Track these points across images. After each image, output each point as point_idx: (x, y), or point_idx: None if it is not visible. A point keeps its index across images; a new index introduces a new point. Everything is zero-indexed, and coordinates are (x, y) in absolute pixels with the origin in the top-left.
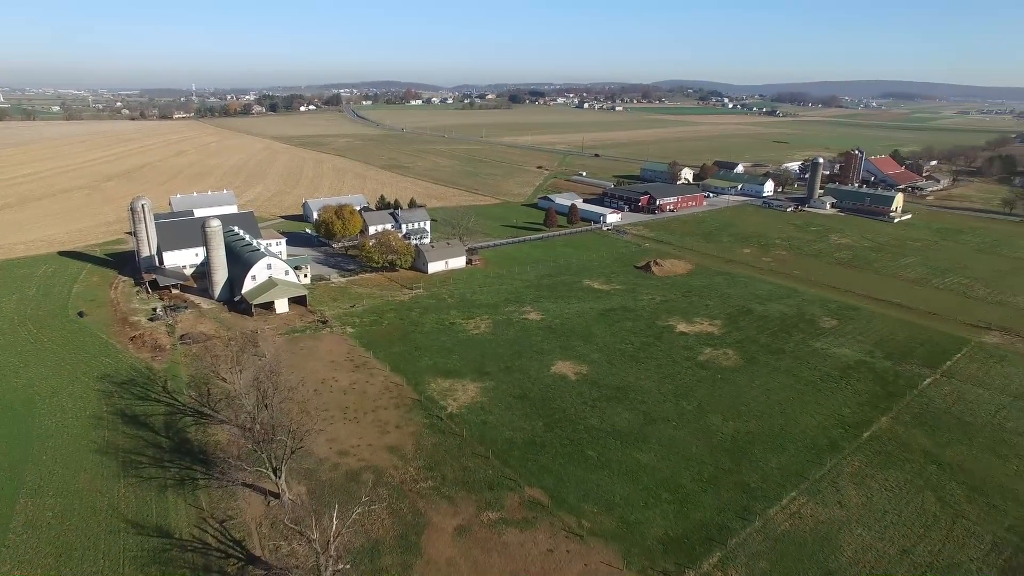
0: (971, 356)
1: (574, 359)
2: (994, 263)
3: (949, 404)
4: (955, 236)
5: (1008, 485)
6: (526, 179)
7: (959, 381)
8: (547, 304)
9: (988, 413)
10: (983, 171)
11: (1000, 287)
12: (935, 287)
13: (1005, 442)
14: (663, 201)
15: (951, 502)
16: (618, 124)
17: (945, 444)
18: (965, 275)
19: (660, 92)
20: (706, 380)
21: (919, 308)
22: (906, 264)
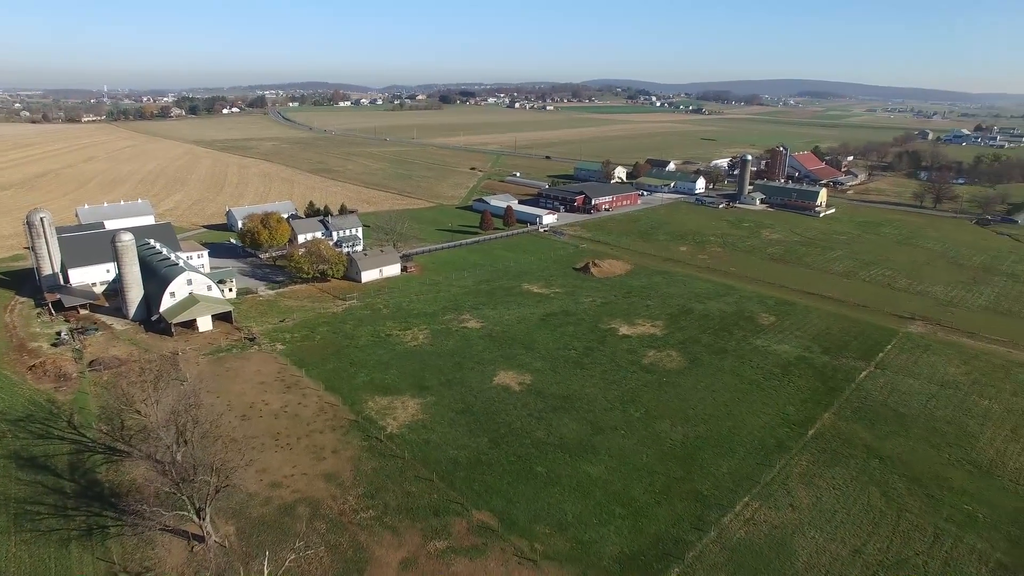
0: (900, 347)
1: (517, 368)
2: (912, 254)
3: (885, 396)
4: (876, 229)
5: (943, 474)
6: (460, 181)
7: (892, 372)
8: (486, 311)
9: (920, 403)
10: (894, 166)
11: (919, 278)
12: (862, 279)
13: (937, 431)
14: (598, 200)
15: (894, 496)
16: (550, 123)
17: (884, 437)
18: (887, 267)
19: (590, 91)
20: (652, 384)
21: (849, 301)
22: (834, 258)
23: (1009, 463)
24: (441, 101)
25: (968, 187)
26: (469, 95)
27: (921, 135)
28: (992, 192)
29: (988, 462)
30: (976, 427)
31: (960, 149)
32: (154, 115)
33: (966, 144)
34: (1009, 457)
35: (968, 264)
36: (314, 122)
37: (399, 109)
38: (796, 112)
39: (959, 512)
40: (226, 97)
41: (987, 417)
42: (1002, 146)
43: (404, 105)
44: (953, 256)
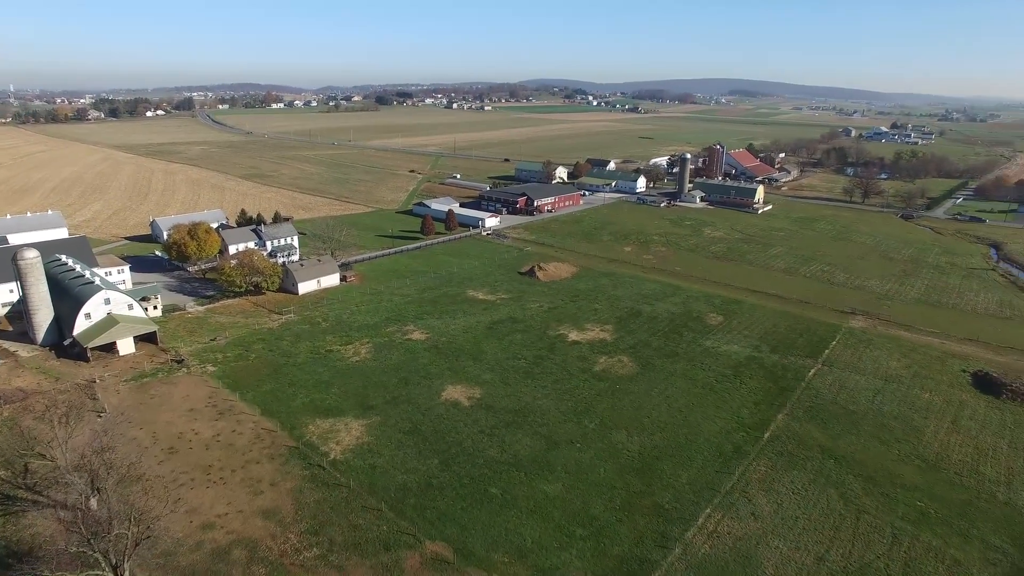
0: (844, 343)
1: (465, 382)
2: (847, 249)
3: (834, 394)
4: (811, 224)
5: (895, 471)
6: (399, 184)
7: (839, 369)
8: (431, 321)
9: (867, 399)
10: (823, 162)
11: (855, 272)
12: (803, 275)
13: (886, 427)
14: (541, 202)
15: (852, 497)
16: (488, 123)
17: (837, 436)
18: (825, 262)
19: (527, 91)
20: (605, 393)
21: (793, 297)
22: (775, 254)
23: (953, 456)
24: (378, 102)
25: (891, 182)
26: (406, 96)
27: (845, 132)
28: (912, 187)
29: (934, 456)
30: (920, 421)
31: (880, 146)
32: (69, 117)
33: (885, 141)
34: (952, 450)
35: (898, 257)
36: (246, 125)
37: (335, 111)
38: (728, 110)
39: (912, 510)
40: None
41: (929, 410)
42: (916, 143)
43: (340, 107)
44: (884, 250)
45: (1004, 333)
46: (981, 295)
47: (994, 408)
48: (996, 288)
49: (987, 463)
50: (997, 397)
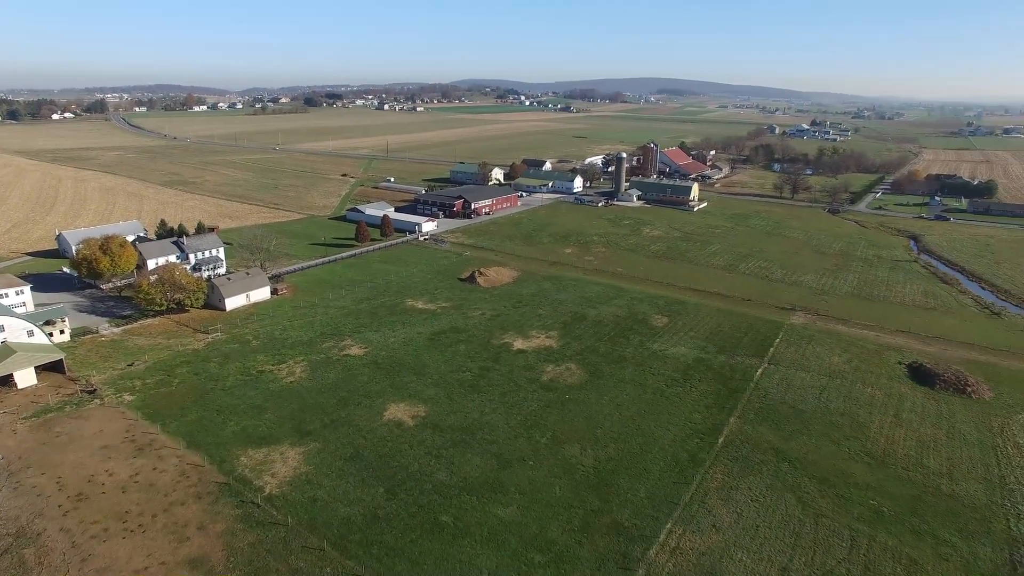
0: (787, 340)
1: (409, 399)
2: (781, 245)
3: (783, 393)
4: (746, 221)
5: (846, 470)
6: (331, 189)
7: (784, 367)
8: (369, 334)
9: (814, 397)
10: (751, 159)
11: (791, 267)
12: (742, 273)
13: (834, 425)
14: (478, 204)
15: (809, 501)
16: (421, 125)
17: (789, 437)
18: (763, 258)
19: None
20: (555, 404)
21: (734, 295)
22: (713, 252)
23: (898, 451)
24: (306, 104)
25: (816, 178)
26: (336, 97)
27: (770, 130)
28: (836, 182)
29: (881, 452)
30: (865, 416)
31: (803, 142)
32: None
33: (807, 138)
34: (897, 444)
35: (829, 252)
36: (166, 128)
37: (261, 113)
38: (657, 109)
39: (867, 509)
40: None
41: (872, 405)
42: (835, 139)
43: (267, 109)
44: (816, 244)
45: (930, 323)
46: (907, 286)
47: (930, 399)
48: (919, 279)
49: (929, 455)
50: (932, 388)
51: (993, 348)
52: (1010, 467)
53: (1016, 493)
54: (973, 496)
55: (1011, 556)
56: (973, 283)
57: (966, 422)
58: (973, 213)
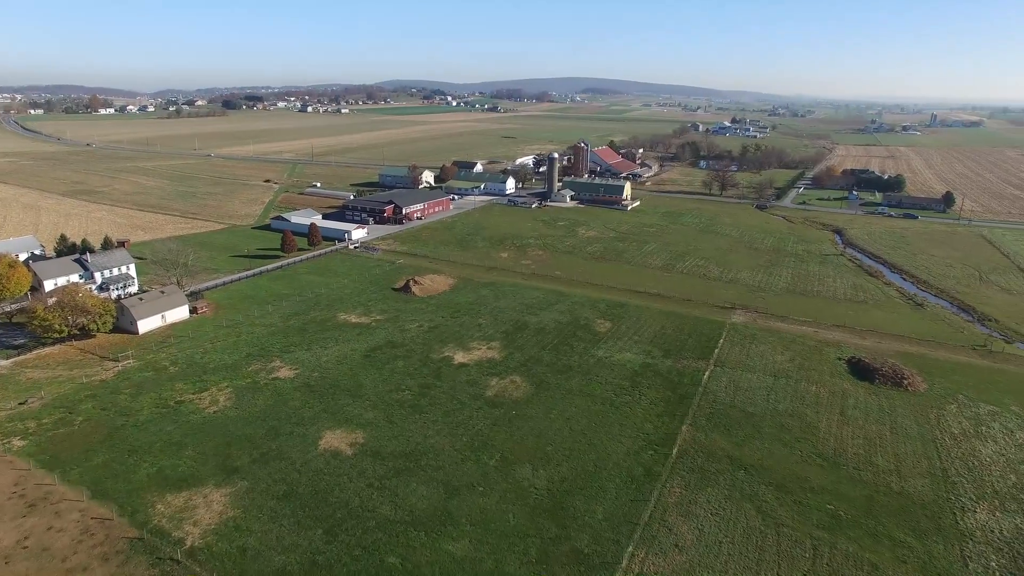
0: (731, 340)
1: (346, 425)
2: (715, 242)
3: (731, 396)
4: (679, 219)
5: (801, 474)
6: (254, 196)
7: (731, 369)
8: (300, 353)
9: (763, 399)
10: (679, 156)
11: (727, 265)
12: (680, 272)
13: (784, 427)
14: (409, 209)
15: (768, 511)
16: (347, 127)
17: (742, 442)
18: (699, 257)
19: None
20: (502, 422)
21: (674, 296)
22: (650, 251)
23: (848, 450)
24: (225, 107)
25: (741, 174)
26: (256, 100)
27: (693, 127)
28: (761, 178)
29: (832, 452)
30: (813, 416)
31: (726, 139)
32: None
33: (729, 135)
34: (846, 443)
35: (762, 248)
36: (67, 133)
37: (176, 116)
38: (583, 108)
39: (825, 515)
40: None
41: (819, 403)
42: (755, 136)
43: (181, 112)
44: (748, 241)
45: (862, 316)
46: (838, 280)
47: (872, 394)
48: (848, 272)
49: (877, 453)
50: (872, 383)
51: (920, 339)
52: (950, 459)
53: (958, 486)
54: (921, 492)
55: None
56: (895, 275)
57: (906, 416)
58: (887, 206)
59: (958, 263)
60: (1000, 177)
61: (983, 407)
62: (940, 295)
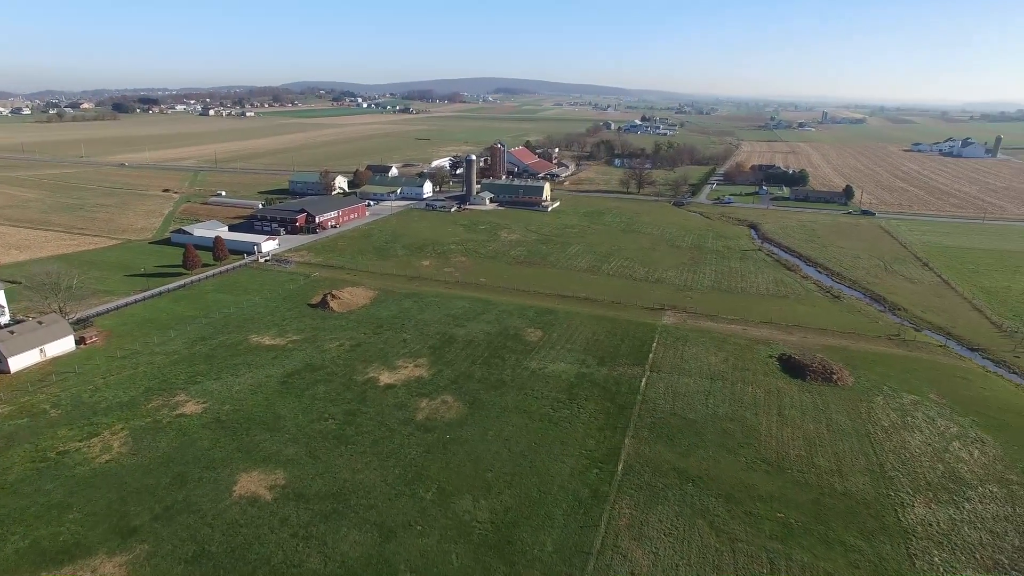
0: (663, 343)
1: (263, 464)
2: (638, 241)
3: (671, 404)
4: (600, 219)
5: (747, 481)
6: (151, 207)
7: (667, 374)
8: (208, 384)
9: (702, 404)
10: (594, 155)
11: (651, 265)
12: (606, 274)
13: (726, 432)
14: (323, 218)
15: (721, 525)
16: (253, 131)
17: (687, 452)
18: (623, 257)
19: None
20: (435, 448)
21: (603, 299)
22: (574, 253)
23: (790, 452)
24: (115, 110)
25: (657, 171)
26: (151, 102)
27: (606, 126)
28: (675, 175)
29: (776, 456)
30: (753, 418)
31: (638, 138)
32: None
33: (641, 133)
34: (787, 445)
35: (683, 245)
36: None
37: (58, 120)
38: (496, 108)
39: (777, 524)
40: None
41: (757, 405)
42: (666, 134)
43: (64, 115)
44: (669, 239)
45: (786, 311)
46: (759, 276)
47: (805, 392)
48: (767, 267)
49: (818, 453)
50: (804, 380)
51: (842, 332)
52: (884, 453)
53: (895, 480)
54: (863, 491)
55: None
56: (811, 268)
57: (839, 412)
58: (795, 200)
59: (864, 254)
60: (888, 171)
61: (906, 397)
62: (853, 286)
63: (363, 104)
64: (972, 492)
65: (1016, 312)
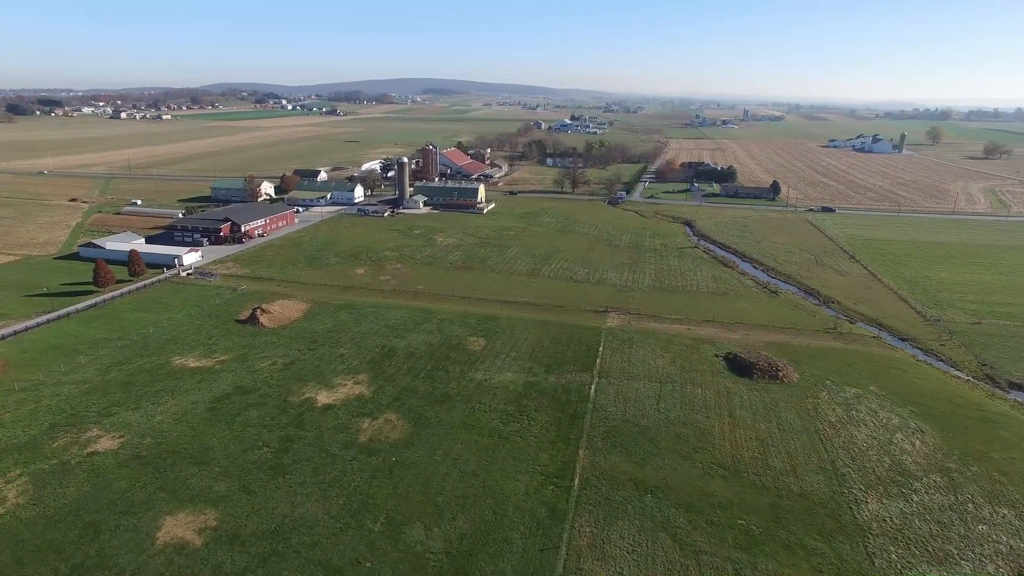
0: (609, 347)
1: (191, 504)
2: (576, 242)
3: (622, 410)
4: (537, 220)
5: (706, 488)
6: (57, 218)
7: (615, 379)
8: (126, 415)
9: (653, 408)
10: (526, 155)
11: (591, 265)
12: (547, 276)
13: (680, 437)
14: (249, 226)
15: (683, 537)
16: (171, 135)
17: (643, 461)
18: (562, 258)
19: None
20: (381, 472)
21: (545, 303)
22: (513, 256)
23: (744, 454)
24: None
25: (590, 170)
26: (54, 104)
27: (536, 125)
28: (608, 173)
29: (731, 460)
30: (705, 421)
31: (569, 136)
32: None
33: (571, 132)
34: (741, 448)
35: (622, 245)
36: None
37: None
38: (425, 109)
39: (738, 532)
40: None
41: (707, 407)
42: (595, 132)
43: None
44: (607, 238)
45: (727, 309)
46: (698, 273)
47: (754, 391)
48: (705, 265)
49: (771, 454)
50: (751, 378)
51: (782, 327)
52: (834, 449)
53: (847, 477)
54: (819, 491)
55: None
56: (747, 263)
57: (788, 410)
58: (726, 196)
59: (795, 248)
60: (808, 166)
61: (849, 391)
62: (788, 280)
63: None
64: (918, 483)
65: (937, 301)
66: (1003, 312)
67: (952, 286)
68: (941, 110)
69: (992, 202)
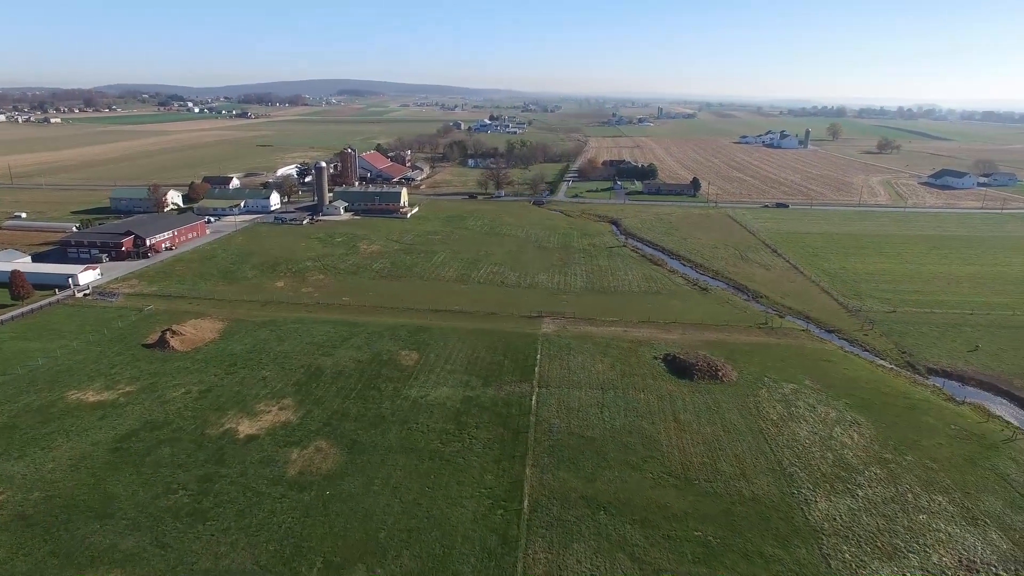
0: (547, 354)
1: (92, 569)
2: (504, 245)
3: (566, 423)
4: (462, 223)
5: (659, 500)
6: None
7: (556, 388)
8: (7, 465)
9: (597, 417)
10: (447, 156)
11: (521, 269)
12: (477, 282)
13: (628, 447)
14: (155, 239)
15: (641, 556)
16: (61, 140)
17: (592, 476)
18: (491, 263)
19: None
20: (315, 509)
21: (477, 311)
22: (440, 262)
23: (693, 460)
24: None
25: (513, 171)
26: None
27: (455, 125)
28: (531, 174)
29: (680, 467)
30: (651, 428)
31: (490, 137)
32: None
33: (491, 132)
34: (689, 454)
35: (550, 246)
36: None
37: None
38: (340, 110)
39: (696, 544)
40: None
41: (652, 413)
42: (515, 132)
43: None
44: (536, 240)
45: (661, 308)
46: (629, 273)
47: (696, 393)
48: (635, 264)
49: (720, 458)
50: (692, 380)
51: (716, 325)
52: (779, 447)
53: (795, 477)
54: (769, 493)
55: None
56: (676, 261)
57: (731, 411)
58: (648, 194)
59: (720, 244)
60: (724, 162)
61: (786, 386)
62: (717, 277)
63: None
64: (861, 477)
65: (856, 292)
66: (913, 300)
67: (867, 276)
68: (836, 108)
69: (890, 194)
